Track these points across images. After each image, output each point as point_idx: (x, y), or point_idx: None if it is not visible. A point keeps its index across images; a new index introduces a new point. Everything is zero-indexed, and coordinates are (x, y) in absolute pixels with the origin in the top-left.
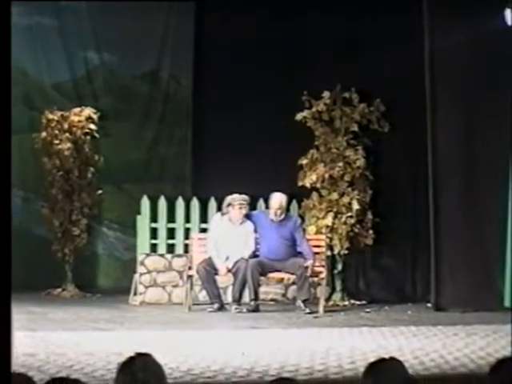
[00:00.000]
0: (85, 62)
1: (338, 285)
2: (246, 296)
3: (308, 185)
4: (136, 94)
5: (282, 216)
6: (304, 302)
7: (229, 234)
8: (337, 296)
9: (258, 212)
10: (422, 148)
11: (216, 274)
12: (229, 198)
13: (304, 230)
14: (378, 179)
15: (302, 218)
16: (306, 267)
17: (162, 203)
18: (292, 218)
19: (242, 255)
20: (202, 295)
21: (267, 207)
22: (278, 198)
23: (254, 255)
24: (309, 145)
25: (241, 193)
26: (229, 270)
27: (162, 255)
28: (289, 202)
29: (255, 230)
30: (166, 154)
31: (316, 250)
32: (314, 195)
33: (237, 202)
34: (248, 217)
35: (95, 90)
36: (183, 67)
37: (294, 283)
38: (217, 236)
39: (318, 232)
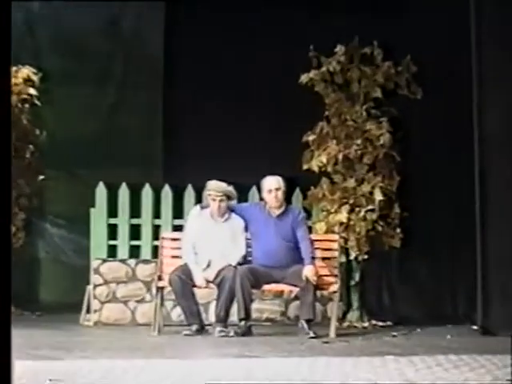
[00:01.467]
0: (24, 9)
1: (355, 300)
2: (234, 315)
3: (316, 168)
4: (90, 51)
5: (282, 209)
6: (309, 322)
7: (211, 233)
8: (353, 315)
9: (250, 204)
10: (464, 121)
11: (194, 285)
12: (207, 186)
13: (309, 228)
14: (407, 161)
15: (308, 212)
16: (314, 275)
17: (124, 192)
18: (294, 210)
19: (228, 261)
20: (176, 313)
21: (262, 198)
22: (273, 179)
23: (245, 261)
24: (317, 116)
25: (224, 180)
26: (211, 281)
27: (123, 261)
28: (290, 192)
29: (246, 228)
30: (128, 129)
31: (326, 254)
32: (324, 182)
33: (211, 192)
34: (237, 210)
35: (36, 45)
36: (153, 19)
37: (296, 298)
38: (195, 236)
39: (329, 231)
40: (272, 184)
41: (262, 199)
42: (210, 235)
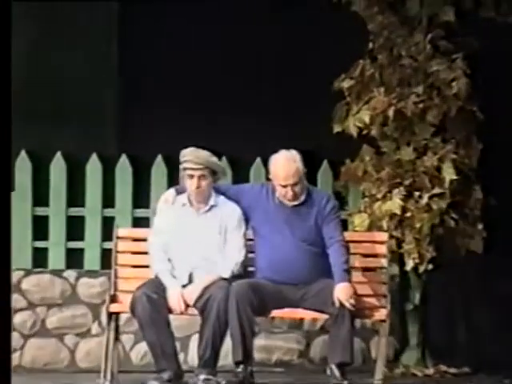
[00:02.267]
0: None
1: (414, 334)
2: (228, 355)
3: (354, 131)
4: None
5: (302, 197)
6: (344, 367)
7: (193, 229)
8: (411, 356)
9: (252, 186)
10: None
11: (169, 310)
12: (180, 158)
13: (343, 223)
14: (493, 121)
15: (342, 198)
16: (351, 297)
17: (59, 167)
18: (319, 196)
19: (218, 272)
20: (139, 353)
21: (268, 178)
22: (287, 162)
23: (244, 273)
24: (355, 51)
25: (209, 150)
26: (192, 304)
27: (57, 272)
28: (313, 168)
29: (246, 222)
30: (69, 80)
31: (369, 263)
32: (367, 152)
33: (187, 164)
34: (229, 194)
35: None
36: None
37: (324, 330)
38: (169, 234)
39: (374, 227)
40: (286, 176)
41: (270, 179)
42: (190, 233)
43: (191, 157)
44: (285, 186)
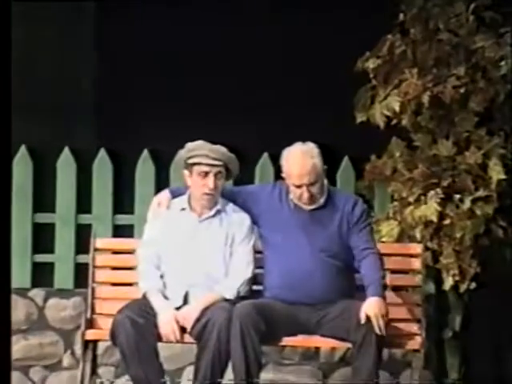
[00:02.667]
0: None
1: (454, 366)
2: None
3: (380, 121)
4: None
5: (321, 200)
6: None
7: (193, 239)
8: None
9: (261, 187)
10: None
11: (159, 338)
12: (184, 151)
13: (372, 230)
14: None
15: (367, 202)
16: (383, 316)
17: (23, 164)
18: (344, 198)
19: (219, 292)
20: None
21: (280, 176)
22: (302, 157)
23: (251, 292)
24: (381, 24)
25: (213, 142)
26: (187, 330)
27: (20, 292)
28: (332, 166)
29: (253, 232)
30: (39, 65)
31: (399, 280)
32: (396, 147)
33: (201, 158)
34: (235, 198)
35: None
36: None
37: (345, 361)
38: (162, 245)
39: (405, 237)
40: (301, 174)
41: (281, 177)
42: (189, 243)
43: (205, 150)
44: (299, 186)
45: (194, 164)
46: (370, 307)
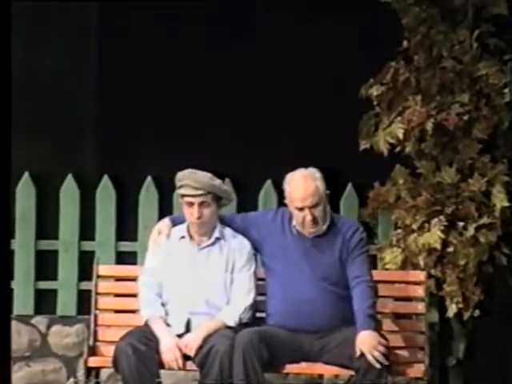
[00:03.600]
0: None
1: None
2: None
3: (384, 149)
4: None
5: (324, 226)
6: None
7: (193, 267)
8: None
9: (263, 214)
10: None
11: (161, 365)
12: (177, 180)
13: (372, 259)
14: None
15: (370, 229)
16: (377, 349)
17: (26, 190)
18: (344, 225)
19: (221, 319)
20: None
21: (282, 203)
22: (305, 180)
23: (253, 320)
24: (386, 52)
25: (209, 171)
26: (190, 357)
27: (22, 319)
28: (337, 193)
29: (255, 258)
30: (41, 86)
31: (403, 308)
32: (400, 174)
33: (185, 188)
34: (237, 225)
35: None
36: None
37: None
38: (163, 273)
39: (409, 264)
40: (304, 197)
41: (284, 204)
42: (190, 271)
43: (189, 180)
44: (302, 209)
45: (183, 195)
46: (362, 344)
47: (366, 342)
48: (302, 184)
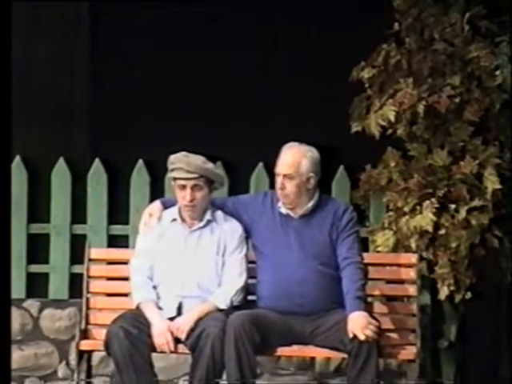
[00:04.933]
0: None
1: (449, 377)
2: None
3: (375, 131)
4: None
5: (310, 204)
6: None
7: (185, 250)
8: None
9: (253, 196)
10: None
11: (153, 348)
12: (170, 163)
13: (363, 242)
14: None
15: (362, 211)
16: (370, 330)
17: (19, 175)
18: (334, 206)
19: (213, 302)
20: None
21: (273, 185)
22: (293, 151)
23: (244, 302)
24: (376, 34)
25: (201, 153)
26: (183, 341)
27: (14, 302)
28: (327, 176)
29: (247, 241)
30: (32, 71)
31: (395, 290)
32: (392, 157)
33: (177, 172)
34: (227, 208)
35: None
36: None
37: (338, 371)
38: (154, 256)
39: (399, 246)
40: (283, 163)
41: (273, 185)
42: (181, 254)
43: (181, 164)
44: (278, 176)
45: (175, 178)
46: (353, 324)
47: (357, 322)
48: (290, 152)
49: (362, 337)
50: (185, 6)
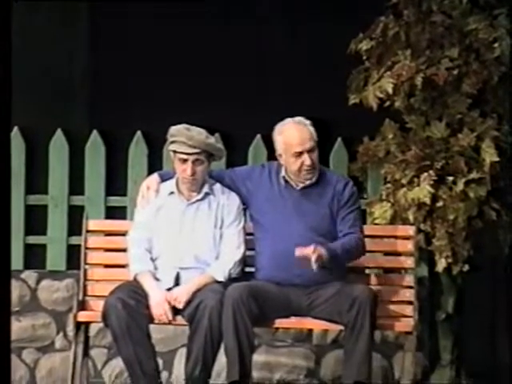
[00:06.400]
0: None
1: (447, 349)
2: (221, 374)
3: (373, 103)
4: None
5: (312, 176)
6: None
7: (180, 222)
8: (443, 374)
9: (252, 168)
10: None
11: (150, 319)
12: (168, 136)
13: (362, 214)
14: None
15: (360, 184)
16: (371, 299)
17: (17, 146)
18: (334, 179)
19: (210, 274)
20: (113, 371)
21: (272, 157)
22: (299, 125)
23: (242, 274)
24: (374, 6)
25: (200, 126)
26: (179, 310)
27: (12, 273)
28: (326, 148)
29: (244, 213)
30: (29, 42)
31: (392, 262)
32: (390, 129)
33: (178, 145)
34: (225, 181)
35: None
36: None
37: (337, 343)
38: (153, 228)
39: (397, 218)
40: (302, 140)
41: (273, 158)
42: (177, 227)
43: (183, 137)
44: (300, 154)
45: (175, 151)
46: (303, 249)
47: (311, 250)
48: (297, 129)
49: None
50: None
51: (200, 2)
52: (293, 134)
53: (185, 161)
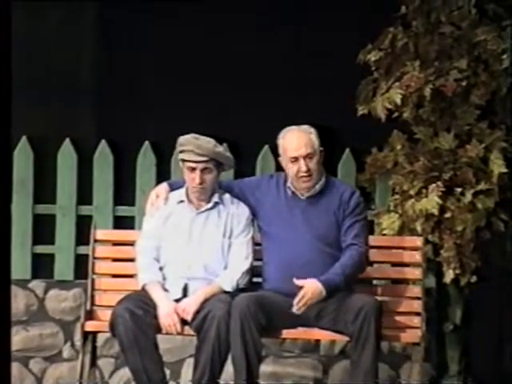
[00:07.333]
0: None
1: (454, 360)
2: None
3: (382, 114)
4: None
5: (318, 186)
6: None
7: (191, 231)
8: None
9: (260, 178)
10: None
11: (158, 329)
12: (177, 146)
13: (369, 225)
14: None
15: (367, 194)
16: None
17: (25, 156)
18: (341, 188)
19: (218, 284)
20: (120, 380)
21: (281, 168)
22: (299, 135)
23: (250, 285)
24: (383, 17)
25: (209, 135)
26: (188, 322)
27: (20, 283)
28: (333, 158)
29: (252, 224)
30: (38, 50)
31: (400, 273)
32: (398, 140)
33: (187, 154)
34: (234, 190)
35: None
36: None
37: (343, 353)
38: (161, 238)
39: (405, 229)
40: (298, 146)
41: (281, 169)
42: (186, 235)
43: (192, 146)
44: (296, 160)
45: (184, 160)
46: (307, 286)
47: (309, 287)
48: (296, 135)
49: (302, 299)
50: None
51: (215, 13)
52: (290, 140)
53: (193, 169)
